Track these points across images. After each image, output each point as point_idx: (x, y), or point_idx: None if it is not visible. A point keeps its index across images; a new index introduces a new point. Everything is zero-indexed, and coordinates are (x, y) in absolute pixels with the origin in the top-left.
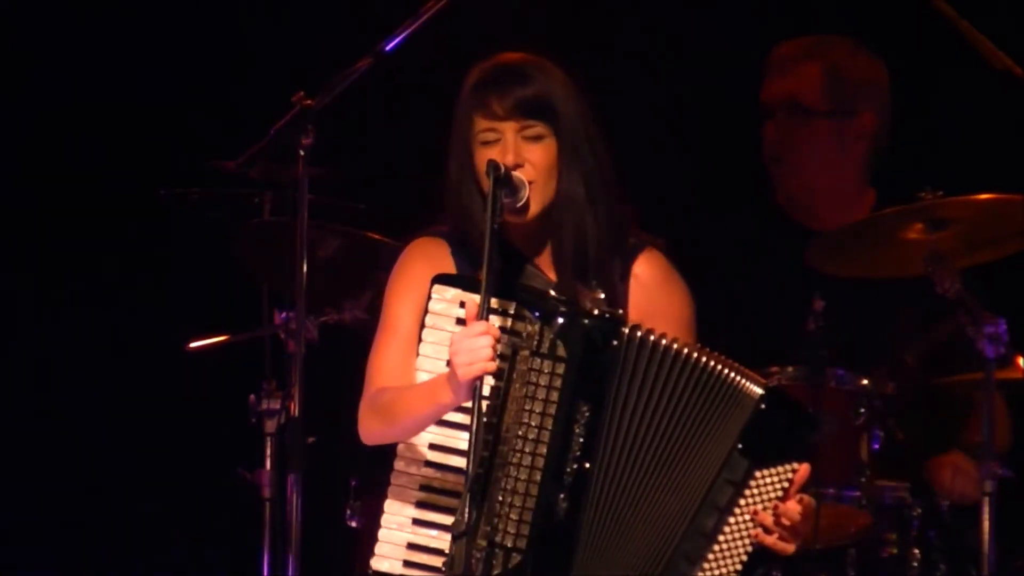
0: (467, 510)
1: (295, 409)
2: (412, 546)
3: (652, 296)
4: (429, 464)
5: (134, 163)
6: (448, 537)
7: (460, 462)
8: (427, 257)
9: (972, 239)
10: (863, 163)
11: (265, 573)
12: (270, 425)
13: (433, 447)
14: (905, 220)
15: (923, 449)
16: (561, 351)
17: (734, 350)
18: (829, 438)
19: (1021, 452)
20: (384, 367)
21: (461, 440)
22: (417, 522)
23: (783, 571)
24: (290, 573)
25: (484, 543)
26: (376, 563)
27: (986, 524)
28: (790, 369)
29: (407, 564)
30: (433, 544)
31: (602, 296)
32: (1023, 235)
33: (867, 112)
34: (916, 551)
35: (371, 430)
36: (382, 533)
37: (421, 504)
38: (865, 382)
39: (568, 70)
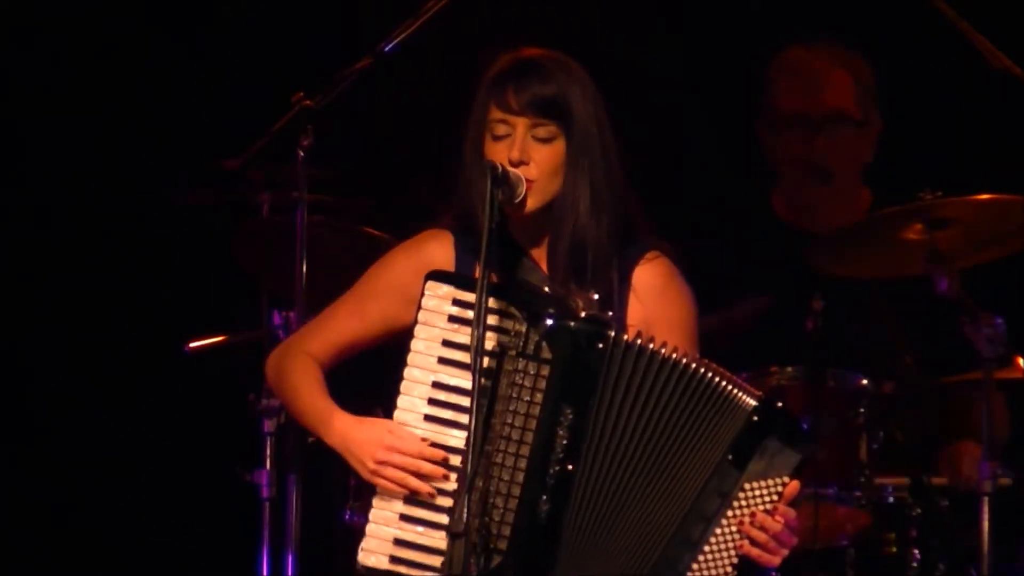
0: (465, 510)
1: None
2: (399, 542)
3: (649, 306)
4: None
5: (133, 163)
6: (435, 533)
7: (447, 458)
8: (431, 250)
9: (972, 239)
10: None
11: (264, 573)
12: (269, 425)
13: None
14: (905, 220)
15: (923, 449)
16: (546, 353)
17: (734, 350)
18: (829, 438)
19: (1021, 452)
20: (325, 326)
21: (451, 437)
22: (404, 518)
23: (782, 571)
24: (289, 573)
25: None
26: (363, 558)
27: (986, 524)
28: (790, 369)
29: (393, 560)
30: (420, 540)
31: (596, 297)
32: (1023, 235)
33: (877, 118)
34: (916, 551)
35: (269, 378)
36: (369, 528)
37: (408, 500)
38: (865, 382)
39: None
